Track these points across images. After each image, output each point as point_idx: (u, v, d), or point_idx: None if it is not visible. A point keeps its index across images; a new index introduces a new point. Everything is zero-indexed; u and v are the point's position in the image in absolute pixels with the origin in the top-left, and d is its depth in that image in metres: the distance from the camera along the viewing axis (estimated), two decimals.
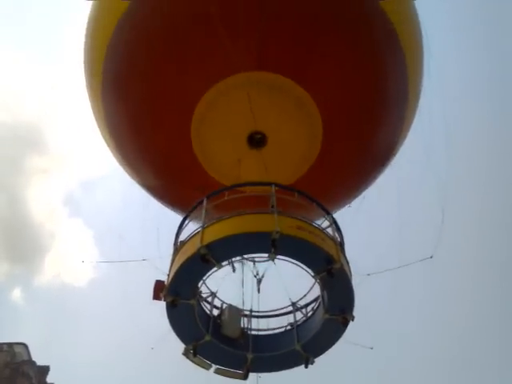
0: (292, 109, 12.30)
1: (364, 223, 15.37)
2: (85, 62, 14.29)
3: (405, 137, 14.71)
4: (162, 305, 10.06)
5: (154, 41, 11.94)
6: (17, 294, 36.36)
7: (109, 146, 15.35)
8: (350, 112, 12.61)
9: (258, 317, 11.80)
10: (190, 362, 10.69)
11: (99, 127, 15.13)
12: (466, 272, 28.96)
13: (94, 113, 14.84)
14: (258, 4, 11.14)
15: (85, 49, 14.20)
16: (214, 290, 11.60)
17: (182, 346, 10.63)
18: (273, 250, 9.44)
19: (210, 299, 11.41)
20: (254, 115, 11.90)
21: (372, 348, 11.85)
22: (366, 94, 12.52)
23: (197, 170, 13.24)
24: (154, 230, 14.79)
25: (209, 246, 9.45)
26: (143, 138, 13.60)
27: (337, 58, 12.04)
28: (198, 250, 9.40)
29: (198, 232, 9.96)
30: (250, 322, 11.55)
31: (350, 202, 15.58)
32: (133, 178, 15.84)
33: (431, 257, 12.47)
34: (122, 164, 15.57)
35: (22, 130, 35.58)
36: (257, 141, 12.65)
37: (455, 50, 28.45)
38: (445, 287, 28.33)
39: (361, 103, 12.57)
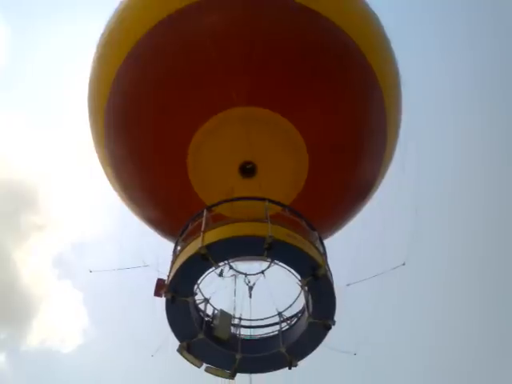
0: (279, 140, 13.55)
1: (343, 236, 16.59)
2: (89, 99, 15.42)
3: (386, 168, 16.03)
4: None
5: (156, 80, 13.20)
6: (2, 359, 34.82)
7: (109, 178, 16.30)
8: (333, 143, 13.86)
9: (246, 327, 12.75)
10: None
11: (100, 161, 16.13)
12: (440, 276, 30.43)
13: (96, 146, 15.83)
14: (248, 49, 12.60)
15: (89, 86, 15.31)
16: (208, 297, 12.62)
17: None
18: (266, 252, 10.64)
19: (203, 305, 12.38)
20: (244, 146, 13.14)
21: (355, 354, 12.79)
22: (347, 127, 13.93)
23: (193, 199, 14.25)
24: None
25: (209, 247, 10.56)
26: (144, 170, 14.57)
27: (319, 95, 13.38)
28: (199, 249, 10.52)
29: (198, 236, 11.09)
30: (239, 328, 12.53)
31: (338, 229, 16.77)
32: (132, 209, 16.74)
33: (404, 264, 13.65)
34: (121, 196, 16.48)
35: (17, 186, 35.60)
36: (248, 170, 13.81)
37: (431, 83, 31.11)
38: (423, 292, 29.60)
39: (343, 135, 13.94)
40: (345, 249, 14.91)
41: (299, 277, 11.10)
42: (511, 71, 34.23)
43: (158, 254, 13.75)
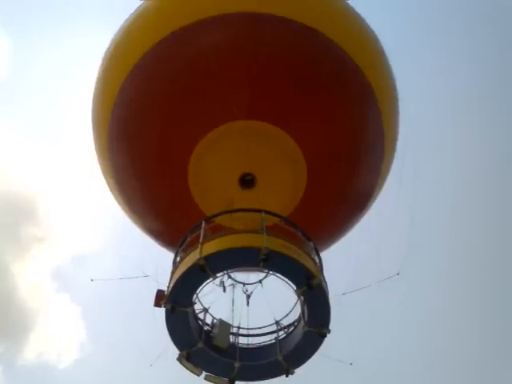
0: (278, 153, 13.95)
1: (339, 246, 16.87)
2: (93, 111, 15.80)
3: (383, 180, 16.34)
4: None
5: (159, 93, 13.60)
6: None
7: (111, 189, 16.61)
8: (331, 156, 14.24)
9: (245, 335, 13.03)
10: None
11: (102, 172, 16.44)
12: (436, 285, 30.67)
13: (99, 157, 16.15)
14: (249, 64, 13.02)
15: (94, 98, 15.72)
16: (207, 306, 12.90)
17: None
18: (261, 263, 10.94)
19: (203, 314, 12.65)
20: (244, 158, 13.48)
21: (351, 364, 13.06)
22: (345, 141, 14.30)
23: (193, 210, 14.58)
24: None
25: (206, 258, 10.89)
26: (145, 181, 14.92)
27: (318, 110, 13.78)
28: (198, 260, 10.83)
29: (196, 247, 11.40)
30: (237, 337, 12.80)
31: (336, 240, 17.04)
32: (133, 220, 17.08)
33: (398, 274, 13.93)
34: (122, 207, 16.81)
35: (16, 199, 35.39)
36: (247, 182, 14.17)
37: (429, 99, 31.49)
38: (419, 302, 29.80)
39: (341, 149, 14.30)
40: (342, 258, 15.20)
41: (295, 287, 11.40)
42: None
43: (158, 264, 14.05)
